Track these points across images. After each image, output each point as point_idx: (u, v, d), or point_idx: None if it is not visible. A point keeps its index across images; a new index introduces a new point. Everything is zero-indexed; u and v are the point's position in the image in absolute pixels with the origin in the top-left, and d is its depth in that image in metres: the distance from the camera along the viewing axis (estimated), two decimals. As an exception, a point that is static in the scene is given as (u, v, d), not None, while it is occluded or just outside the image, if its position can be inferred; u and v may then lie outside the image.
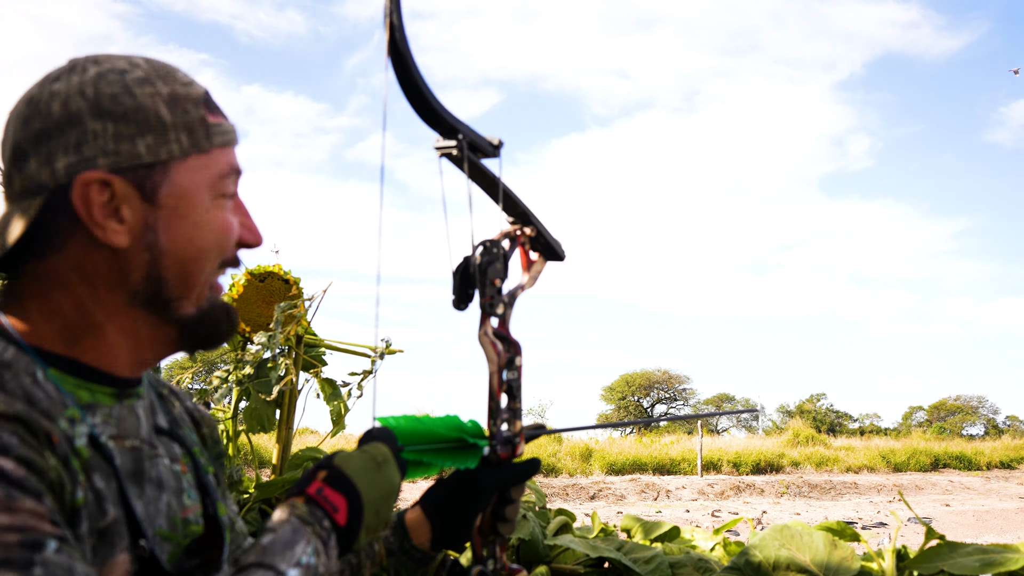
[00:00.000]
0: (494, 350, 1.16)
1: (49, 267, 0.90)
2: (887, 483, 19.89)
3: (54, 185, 0.87)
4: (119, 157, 0.88)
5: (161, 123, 0.91)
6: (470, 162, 1.12)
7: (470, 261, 1.13)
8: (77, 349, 0.90)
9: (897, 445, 25.85)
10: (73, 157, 0.87)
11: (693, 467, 20.59)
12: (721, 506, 15.49)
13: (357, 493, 0.94)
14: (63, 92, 0.88)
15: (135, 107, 0.90)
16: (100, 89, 0.89)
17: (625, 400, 44.47)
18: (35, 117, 0.88)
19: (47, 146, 0.87)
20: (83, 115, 0.88)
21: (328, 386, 2.81)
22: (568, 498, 16.40)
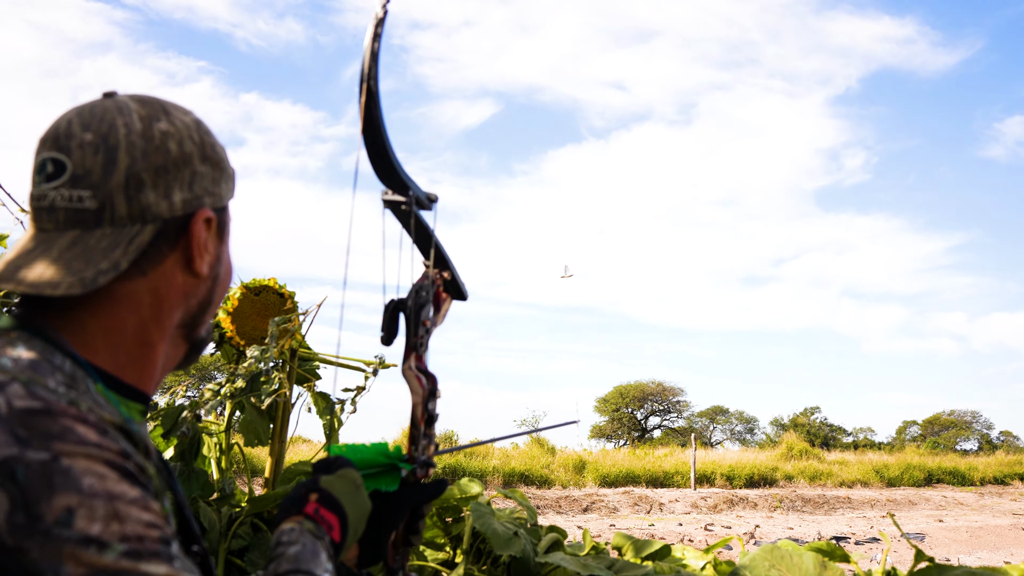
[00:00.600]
0: (419, 383, 1.28)
1: (127, 288, 0.96)
2: (880, 498, 19.88)
3: (169, 216, 0.97)
4: (215, 198, 1.03)
5: (228, 171, 1.07)
6: (414, 216, 1.27)
7: (405, 303, 1.26)
8: (122, 366, 0.97)
9: (891, 460, 25.85)
10: (188, 194, 0.98)
11: (686, 480, 20.57)
12: (714, 520, 15.48)
13: (345, 513, 1.06)
14: (175, 134, 0.98)
15: (221, 156, 1.05)
16: (203, 137, 1.02)
17: (619, 412, 44.41)
18: (154, 152, 0.96)
19: (166, 180, 0.96)
20: (194, 157, 0.99)
21: (321, 400, 2.82)
22: (561, 510, 16.37)
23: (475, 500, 2.33)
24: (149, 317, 0.97)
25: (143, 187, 0.94)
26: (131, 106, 0.98)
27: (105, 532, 0.75)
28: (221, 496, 2.66)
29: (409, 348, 1.27)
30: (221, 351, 2.80)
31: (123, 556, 0.75)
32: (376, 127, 1.13)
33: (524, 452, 21.60)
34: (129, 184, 0.94)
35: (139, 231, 0.94)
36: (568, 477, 19.73)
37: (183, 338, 1.05)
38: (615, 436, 44.45)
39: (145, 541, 0.78)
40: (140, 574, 0.76)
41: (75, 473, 0.77)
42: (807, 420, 43.73)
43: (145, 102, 1.00)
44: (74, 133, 0.95)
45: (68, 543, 0.74)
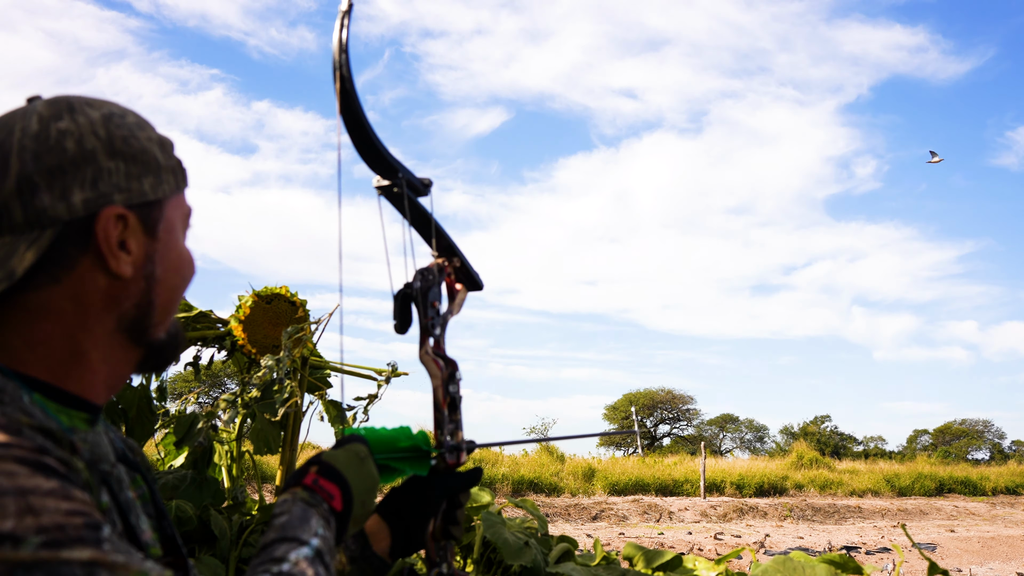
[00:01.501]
0: (436, 366, 1.26)
1: (41, 297, 0.92)
2: (891, 507, 19.78)
3: (69, 218, 0.92)
4: (130, 194, 0.96)
5: (158, 165, 1.01)
6: (408, 199, 1.25)
7: (412, 286, 1.24)
8: (60, 376, 0.94)
9: (902, 469, 25.72)
10: (90, 192, 0.93)
11: (696, 488, 20.50)
12: (724, 528, 15.42)
13: (347, 484, 1.05)
14: (75, 131, 0.93)
15: (140, 149, 0.99)
16: (111, 131, 0.96)
17: (628, 420, 44.32)
18: (47, 153, 0.91)
19: (62, 181, 0.91)
20: (98, 154, 0.94)
21: (332, 408, 2.83)
22: (570, 518, 16.33)
23: (486, 509, 2.33)
24: (74, 325, 0.94)
25: (37, 190, 0.90)
26: (37, 108, 0.95)
27: (19, 527, 0.73)
28: (232, 504, 2.67)
29: (424, 332, 1.26)
30: (233, 359, 2.81)
31: (41, 547, 0.73)
32: (355, 114, 1.13)
33: (533, 460, 21.57)
34: (22, 189, 0.90)
35: (37, 236, 0.90)
36: (577, 485, 19.68)
37: (132, 342, 1.00)
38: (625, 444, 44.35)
39: (66, 529, 0.75)
40: (61, 561, 0.73)
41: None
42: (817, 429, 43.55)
43: (53, 102, 0.97)
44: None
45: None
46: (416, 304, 1.26)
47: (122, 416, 2.58)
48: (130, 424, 2.57)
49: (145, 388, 2.63)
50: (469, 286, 1.38)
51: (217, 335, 2.74)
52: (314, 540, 0.94)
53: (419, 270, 1.27)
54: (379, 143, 1.18)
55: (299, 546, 0.92)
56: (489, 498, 2.40)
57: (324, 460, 1.06)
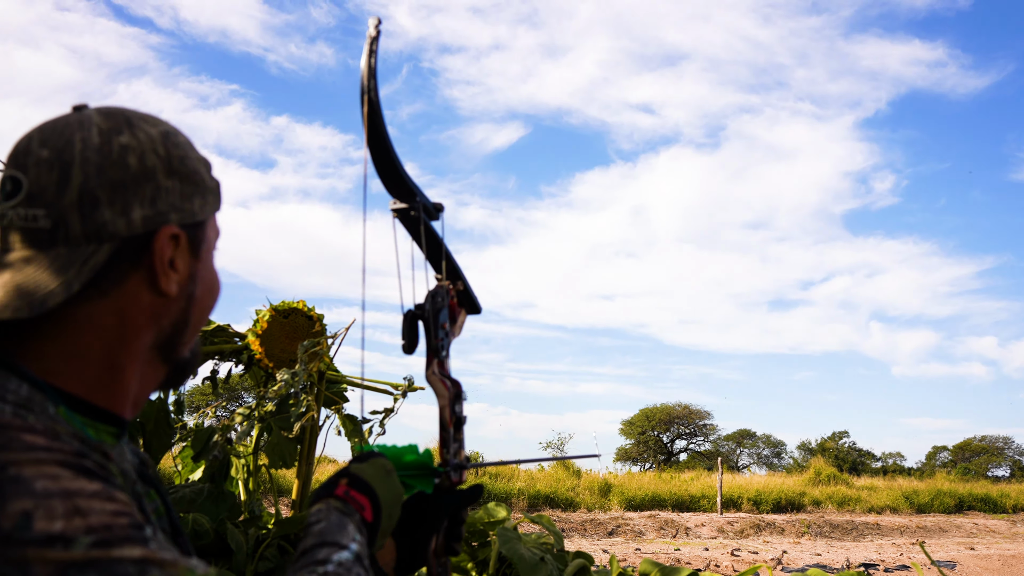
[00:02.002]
0: (444, 386, 1.30)
1: (86, 310, 0.92)
2: (910, 524, 19.59)
3: (127, 234, 0.92)
4: (183, 214, 0.97)
5: (205, 185, 1.02)
6: (424, 224, 1.30)
7: (423, 308, 1.27)
8: (93, 390, 0.93)
9: (921, 486, 25.47)
10: (149, 210, 0.93)
11: (713, 504, 20.38)
12: (741, 545, 15.31)
13: (377, 496, 1.06)
14: (136, 147, 0.93)
15: (193, 170, 0.99)
16: (169, 149, 0.97)
17: (645, 435, 44.14)
18: (110, 167, 0.91)
19: (123, 197, 0.91)
20: (157, 172, 0.94)
21: (349, 422, 2.83)
22: (586, 533, 16.26)
23: (502, 525, 2.33)
24: (115, 340, 0.94)
25: (98, 204, 0.90)
26: (93, 119, 0.94)
27: (68, 528, 0.74)
28: (249, 518, 2.67)
29: (431, 353, 1.29)
30: (250, 373, 2.82)
31: (92, 547, 0.74)
32: (380, 137, 1.17)
33: (549, 475, 21.51)
34: (83, 201, 0.89)
35: (95, 251, 0.90)
36: (593, 500, 19.61)
37: (161, 360, 1.01)
38: (641, 459, 44.15)
39: (114, 529, 0.76)
40: (114, 559, 0.74)
41: (25, 478, 0.76)
42: (835, 445, 43.21)
43: (109, 114, 0.96)
44: (32, 150, 0.92)
45: (31, 545, 0.72)
46: (426, 325, 1.30)
47: (140, 429, 2.59)
48: (148, 437, 2.59)
49: (163, 401, 2.65)
50: (469, 310, 1.41)
51: (234, 349, 2.75)
52: (353, 545, 0.95)
53: (430, 292, 1.30)
54: (401, 167, 1.21)
55: (340, 550, 0.94)
56: (505, 513, 2.40)
57: (353, 473, 1.07)
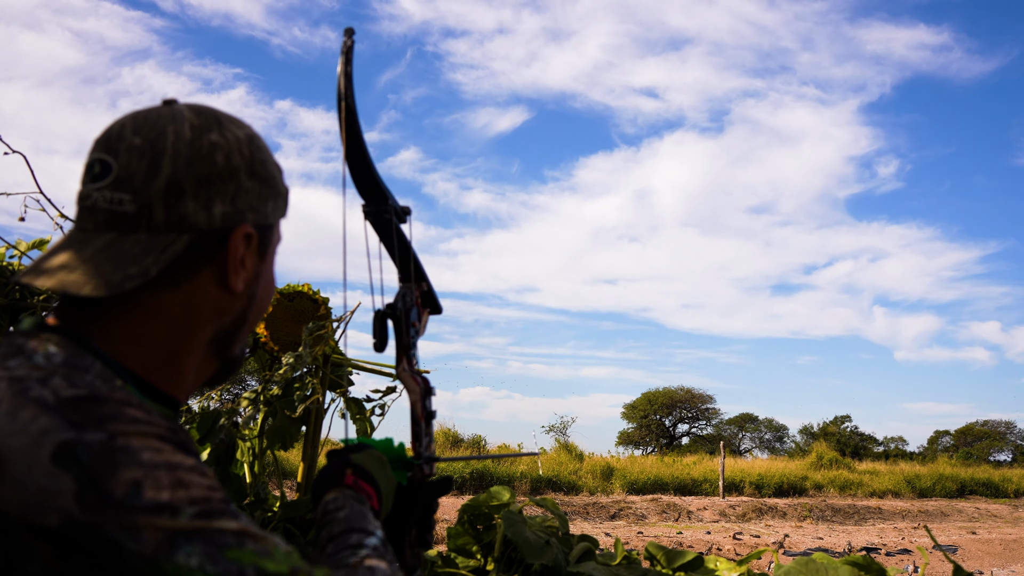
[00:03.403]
0: (415, 382, 1.37)
1: (157, 298, 0.95)
2: (912, 509, 19.64)
3: (207, 228, 0.95)
4: (258, 215, 1.01)
5: (279, 190, 1.06)
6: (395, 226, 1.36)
7: (395, 307, 1.34)
8: (154, 374, 0.96)
9: (923, 470, 25.52)
10: (229, 207, 0.97)
11: (715, 488, 20.44)
12: (743, 528, 15.36)
13: (379, 485, 1.13)
14: (224, 146, 0.97)
15: (271, 174, 1.04)
16: (253, 152, 1.01)
17: (647, 419, 44.20)
18: (199, 162, 0.94)
19: (207, 191, 0.95)
20: (240, 172, 0.98)
21: (354, 406, 2.83)
22: (588, 516, 16.32)
23: (506, 508, 2.33)
24: (179, 329, 0.97)
25: (183, 196, 0.93)
26: (185, 114, 0.98)
27: (174, 498, 0.78)
28: (254, 501, 2.68)
29: (401, 350, 1.35)
30: (255, 357, 2.83)
31: (195, 517, 0.78)
32: (357, 141, 1.24)
33: (552, 458, 21.57)
34: (170, 191, 0.93)
35: (174, 240, 0.93)
36: (596, 483, 19.67)
37: (215, 354, 1.04)
38: (643, 443, 44.25)
39: (211, 502, 0.80)
40: (215, 530, 0.78)
41: (133, 449, 0.79)
42: (837, 429, 43.27)
43: (201, 112, 0.99)
44: (124, 136, 0.94)
45: (141, 513, 0.76)
46: (396, 323, 1.36)
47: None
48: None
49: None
50: (432, 310, 1.47)
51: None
52: (378, 531, 1.00)
53: (400, 292, 1.37)
54: (375, 170, 1.28)
55: (368, 535, 0.98)
56: (509, 496, 2.40)
57: (356, 463, 1.12)
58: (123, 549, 0.75)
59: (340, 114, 1.21)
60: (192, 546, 0.76)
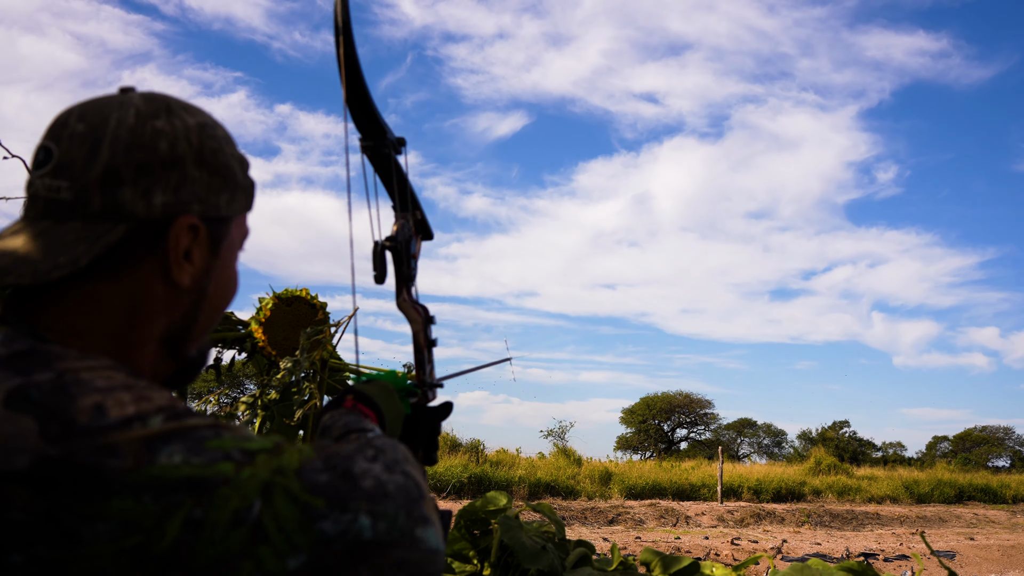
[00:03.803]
0: (416, 312, 1.41)
1: (97, 289, 0.91)
2: (910, 514, 19.63)
3: (145, 217, 0.91)
4: (206, 206, 0.97)
5: (236, 182, 1.01)
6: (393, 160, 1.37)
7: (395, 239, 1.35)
8: None
9: (921, 476, 25.52)
10: (171, 197, 0.93)
11: (713, 493, 20.43)
12: (741, 534, 15.35)
13: (380, 409, 1.14)
14: (170, 133, 0.93)
15: (225, 164, 0.99)
16: (203, 140, 0.96)
17: (646, 424, 44.18)
18: (139, 148, 0.91)
19: (147, 180, 0.91)
20: (187, 160, 0.94)
21: (351, 410, 2.84)
22: (587, 521, 16.31)
23: (503, 513, 2.34)
24: (124, 323, 0.93)
25: (121, 183, 0.90)
26: (134, 101, 0.95)
27: (140, 410, 0.77)
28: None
29: (401, 281, 1.37)
30: (253, 361, 2.83)
31: (167, 420, 0.77)
32: (355, 69, 1.21)
33: (550, 463, 21.56)
34: (107, 179, 0.89)
35: (110, 229, 0.90)
36: (594, 488, 19.66)
37: (169, 355, 1.00)
38: (642, 448, 44.22)
39: (177, 407, 0.80)
40: (189, 427, 0.78)
41: (85, 380, 0.79)
42: (836, 434, 43.24)
43: (151, 99, 0.96)
44: (69, 123, 0.92)
45: (112, 431, 0.75)
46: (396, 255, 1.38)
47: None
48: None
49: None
50: (423, 235, 1.48)
51: (237, 337, 2.76)
52: (376, 429, 1.03)
53: (400, 223, 1.39)
54: (374, 104, 1.27)
55: (369, 431, 1.01)
56: (506, 501, 2.41)
57: (358, 390, 1.14)
58: (103, 470, 0.73)
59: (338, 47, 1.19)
60: (171, 446, 0.76)
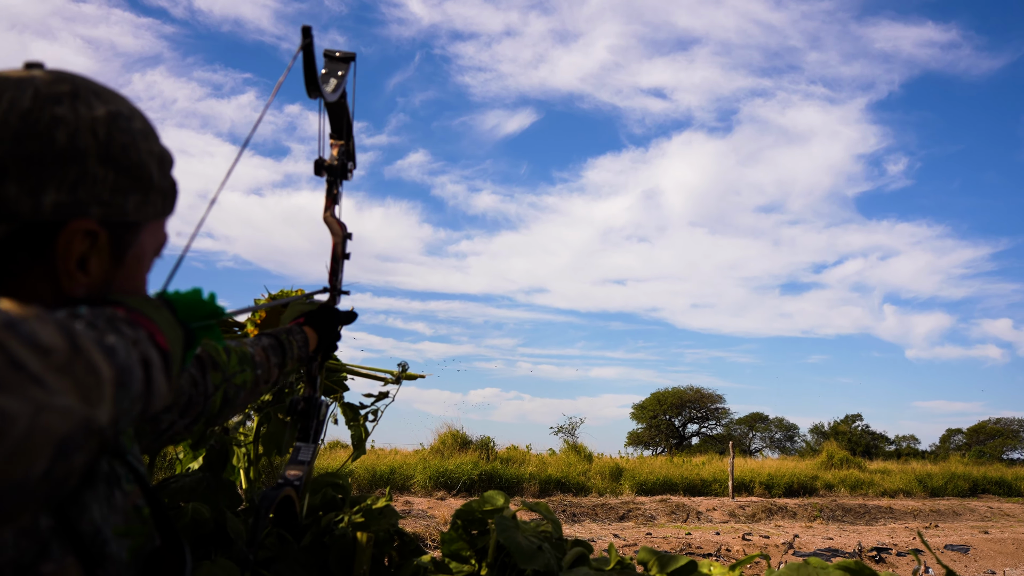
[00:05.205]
0: (339, 225, 1.81)
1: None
2: (924, 508, 19.54)
3: (31, 219, 0.79)
4: (110, 209, 0.85)
5: (150, 183, 0.89)
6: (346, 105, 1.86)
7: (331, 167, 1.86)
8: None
9: (935, 469, 25.40)
10: (65, 196, 0.80)
11: (725, 488, 20.39)
12: (752, 529, 15.31)
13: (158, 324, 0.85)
14: (71, 122, 0.81)
15: (137, 162, 0.87)
16: (112, 134, 0.84)
17: (657, 419, 44.13)
18: (31, 138, 0.78)
19: (37, 174, 0.78)
20: (88, 155, 0.81)
21: (349, 411, 2.82)
22: (597, 518, 16.29)
23: (500, 513, 2.32)
24: None
25: (5, 176, 0.76)
26: (36, 81, 0.82)
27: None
28: (249, 507, 2.67)
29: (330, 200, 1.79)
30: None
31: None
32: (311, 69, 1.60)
33: (560, 459, 21.55)
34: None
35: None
36: (605, 484, 19.64)
37: None
38: (653, 443, 44.18)
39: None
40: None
41: None
42: (848, 428, 43.12)
43: (58, 80, 0.83)
44: None
45: None
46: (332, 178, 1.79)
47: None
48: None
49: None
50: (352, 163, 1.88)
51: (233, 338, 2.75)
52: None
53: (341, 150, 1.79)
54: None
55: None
56: (503, 501, 2.39)
57: (127, 302, 0.86)
58: None
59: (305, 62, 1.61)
60: None
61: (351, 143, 1.79)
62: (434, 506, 14.48)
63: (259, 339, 1.53)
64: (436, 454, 19.54)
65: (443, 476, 16.80)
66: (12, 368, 0.53)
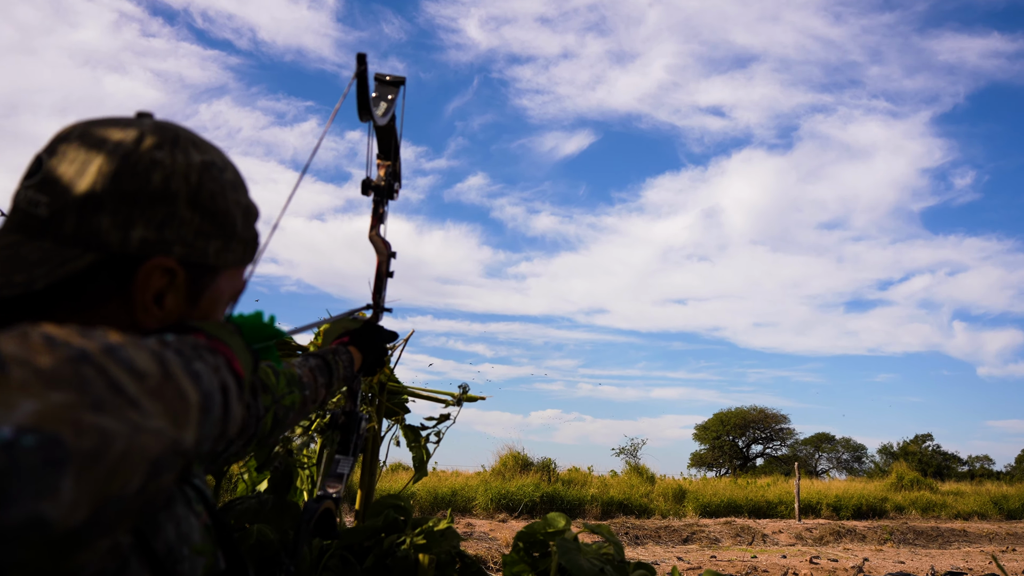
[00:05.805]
0: (384, 244, 1.85)
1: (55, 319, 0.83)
2: (1000, 531, 18.90)
3: (119, 250, 0.84)
4: (192, 251, 0.89)
5: (233, 231, 0.94)
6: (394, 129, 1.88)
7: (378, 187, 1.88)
8: None
9: (1011, 490, 24.56)
10: (152, 233, 0.85)
11: (791, 510, 19.97)
12: (820, 552, 14.96)
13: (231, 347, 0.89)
14: (168, 166, 0.86)
15: (223, 210, 0.92)
16: (204, 182, 0.89)
17: (720, 440, 43.49)
18: (128, 176, 0.84)
19: (129, 210, 0.84)
20: (179, 198, 0.87)
21: (410, 433, 2.84)
22: (660, 540, 16.08)
23: (561, 535, 2.31)
24: None
25: (100, 209, 0.82)
26: (142, 127, 0.88)
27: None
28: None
29: (375, 219, 1.83)
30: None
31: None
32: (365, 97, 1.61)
33: (623, 480, 21.36)
34: (87, 201, 0.82)
35: (77, 256, 0.82)
36: (668, 506, 19.39)
37: None
38: (716, 464, 43.52)
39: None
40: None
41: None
42: (918, 448, 41.97)
43: (161, 128, 0.89)
44: (70, 137, 0.86)
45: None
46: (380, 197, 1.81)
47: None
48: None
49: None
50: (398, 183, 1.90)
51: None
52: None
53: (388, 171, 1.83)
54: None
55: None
56: (564, 523, 2.38)
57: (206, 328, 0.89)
58: None
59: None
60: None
61: (397, 164, 1.84)
62: (495, 528, 14.44)
63: (306, 360, 1.54)
64: (497, 476, 19.50)
65: (504, 498, 16.76)
66: (112, 391, 0.57)
